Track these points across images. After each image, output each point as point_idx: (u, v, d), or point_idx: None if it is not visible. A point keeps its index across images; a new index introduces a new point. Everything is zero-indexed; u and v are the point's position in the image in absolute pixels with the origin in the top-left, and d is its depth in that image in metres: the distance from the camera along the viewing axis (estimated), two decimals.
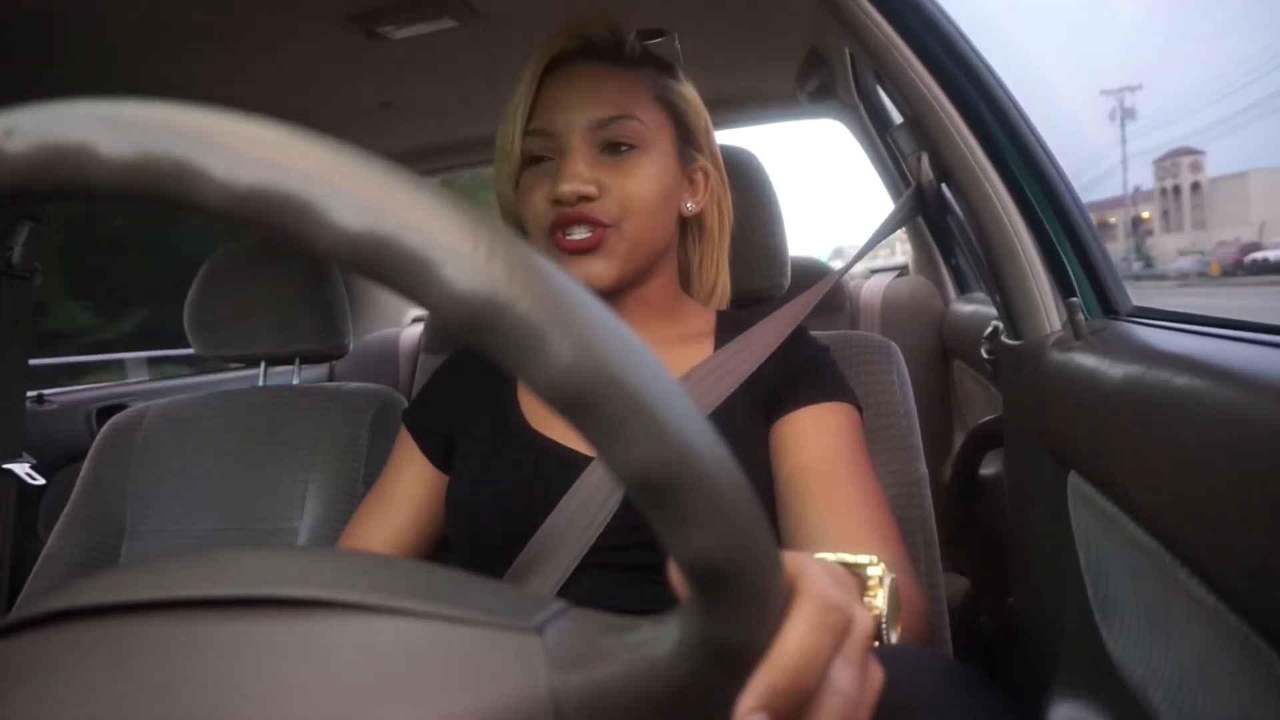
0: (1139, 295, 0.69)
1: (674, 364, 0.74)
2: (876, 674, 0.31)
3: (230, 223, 0.22)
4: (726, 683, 0.26)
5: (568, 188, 0.68)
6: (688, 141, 0.77)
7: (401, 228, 0.21)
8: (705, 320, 0.80)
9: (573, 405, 0.22)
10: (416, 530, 0.78)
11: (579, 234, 0.69)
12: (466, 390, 0.80)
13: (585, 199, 0.69)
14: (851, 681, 0.28)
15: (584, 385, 0.21)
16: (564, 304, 0.22)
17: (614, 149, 0.71)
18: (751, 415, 0.71)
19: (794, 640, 0.27)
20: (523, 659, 0.27)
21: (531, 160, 0.73)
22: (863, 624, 0.30)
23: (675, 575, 0.27)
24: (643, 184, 0.71)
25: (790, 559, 0.29)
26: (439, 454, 0.79)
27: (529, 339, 0.21)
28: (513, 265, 0.21)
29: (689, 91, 0.78)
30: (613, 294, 0.72)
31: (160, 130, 0.22)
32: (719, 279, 0.83)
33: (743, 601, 0.25)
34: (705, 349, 0.76)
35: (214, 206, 0.22)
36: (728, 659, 0.26)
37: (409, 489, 0.79)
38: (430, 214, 0.22)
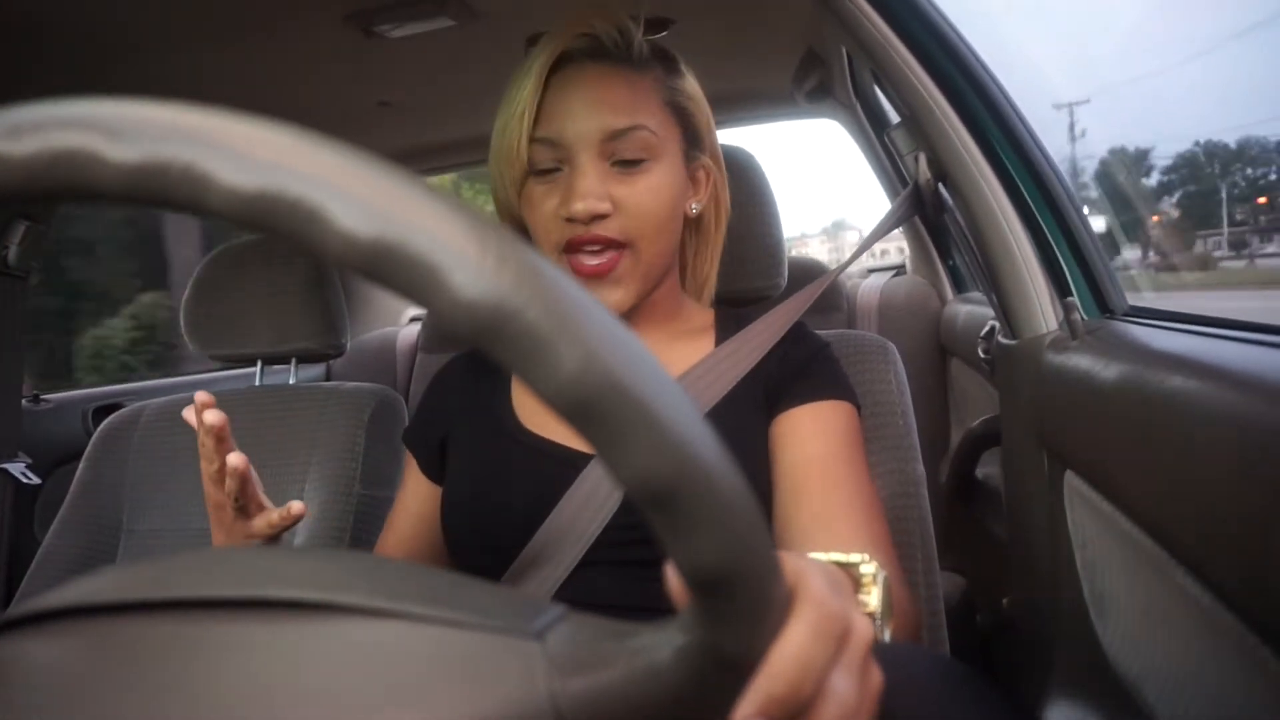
0: None
1: (676, 360, 0.74)
2: (875, 678, 0.31)
3: (237, 226, 0.22)
4: (726, 689, 0.27)
5: (581, 206, 0.67)
6: (693, 143, 0.76)
7: (410, 233, 0.21)
8: (704, 317, 0.80)
9: (579, 413, 0.22)
10: (432, 548, 0.78)
11: (593, 257, 0.69)
12: (457, 397, 0.80)
13: (598, 217, 0.68)
14: (850, 689, 0.29)
15: (591, 394, 0.21)
16: (572, 312, 0.22)
17: (626, 162, 0.69)
18: (752, 411, 0.71)
19: (792, 648, 0.27)
20: (522, 664, 0.27)
21: (538, 169, 0.71)
22: (862, 631, 0.30)
23: (674, 581, 0.27)
24: (655, 197, 0.69)
25: (789, 565, 0.29)
26: (434, 466, 0.79)
27: (537, 347, 0.21)
28: (521, 272, 0.21)
29: (692, 88, 0.76)
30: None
31: (167, 132, 0.22)
32: (711, 274, 0.82)
33: (743, 609, 0.25)
34: (706, 345, 0.76)
35: (221, 210, 0.22)
36: (727, 665, 0.26)
37: (413, 506, 0.80)
38: (439, 220, 0.21)
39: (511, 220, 0.76)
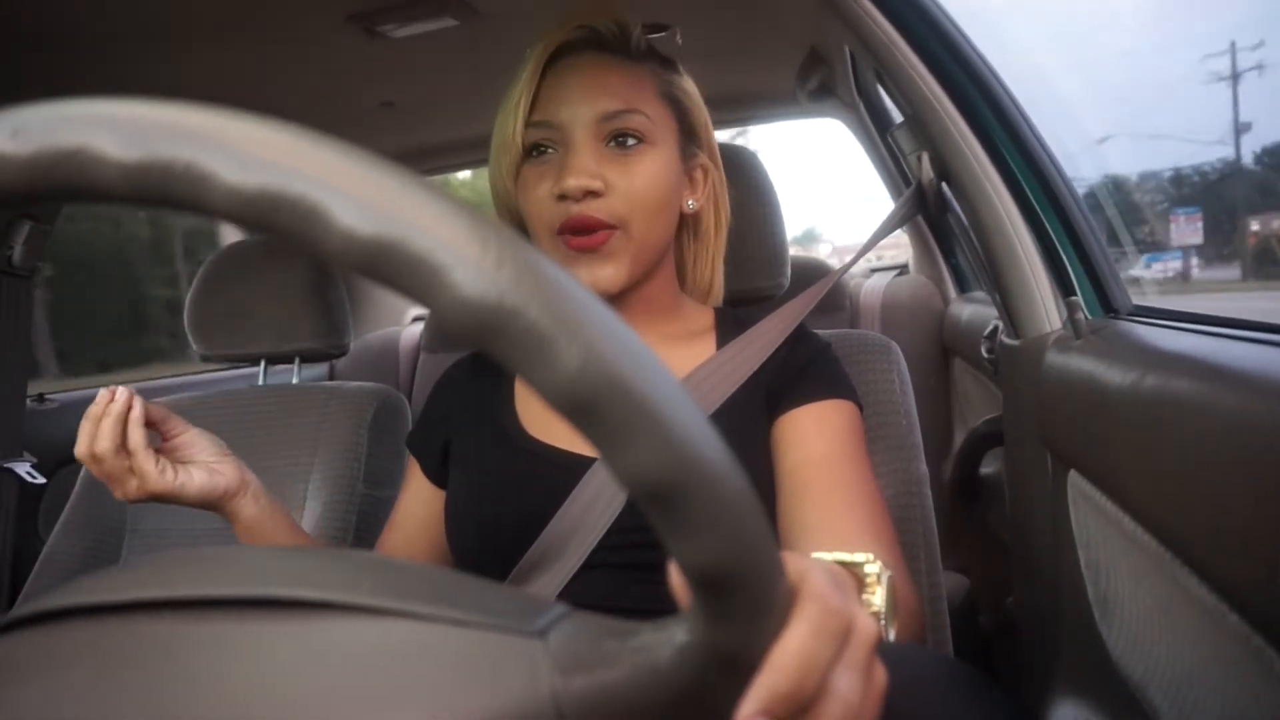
0: None
1: (676, 362, 0.74)
2: (880, 676, 0.31)
3: (238, 225, 0.22)
4: (728, 687, 0.27)
5: (574, 182, 0.67)
6: (690, 139, 0.76)
7: (410, 232, 0.21)
8: (704, 317, 0.80)
9: (579, 411, 0.22)
10: (433, 549, 0.79)
11: (585, 236, 0.69)
12: (461, 402, 0.80)
13: (592, 194, 0.68)
14: (853, 687, 0.28)
15: (591, 392, 0.21)
16: (572, 310, 0.22)
17: (620, 143, 0.70)
18: (754, 413, 0.71)
19: (795, 644, 0.27)
20: (525, 663, 0.27)
21: (532, 152, 0.71)
22: (865, 629, 0.30)
23: (676, 580, 0.27)
24: (649, 180, 0.70)
25: (792, 563, 0.29)
26: (438, 471, 0.79)
27: (537, 345, 0.21)
28: (521, 271, 0.21)
29: (691, 87, 0.77)
30: (616, 295, 0.72)
31: (168, 131, 0.22)
32: (714, 278, 0.82)
33: (745, 607, 0.25)
34: (707, 346, 0.76)
35: (222, 209, 0.22)
36: (729, 664, 0.26)
37: (415, 508, 0.80)
38: (439, 218, 0.21)
39: (510, 215, 0.76)
